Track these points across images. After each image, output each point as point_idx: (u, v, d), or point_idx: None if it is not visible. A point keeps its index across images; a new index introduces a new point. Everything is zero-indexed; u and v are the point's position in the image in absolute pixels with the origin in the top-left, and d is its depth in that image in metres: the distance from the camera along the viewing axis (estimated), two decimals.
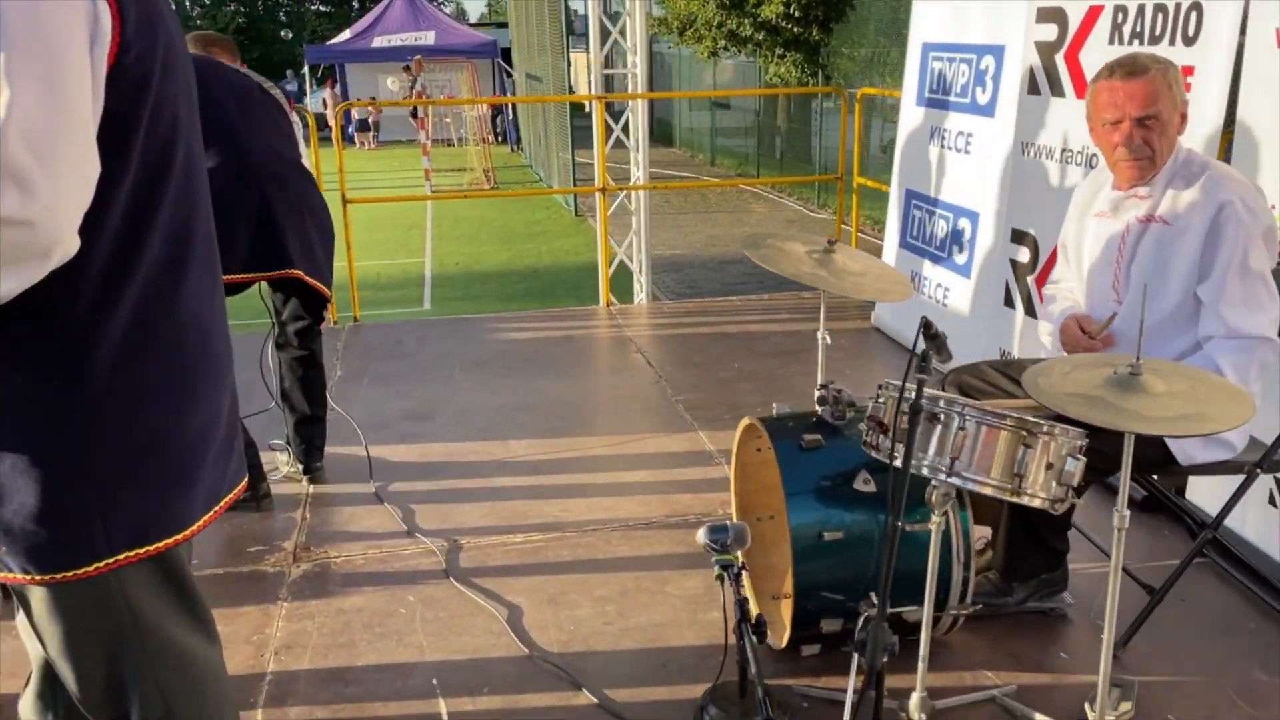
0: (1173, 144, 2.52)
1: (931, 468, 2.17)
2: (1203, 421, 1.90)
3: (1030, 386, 2.06)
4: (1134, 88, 2.46)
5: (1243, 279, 2.44)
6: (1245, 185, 2.49)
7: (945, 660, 2.67)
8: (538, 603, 2.94)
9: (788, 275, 2.75)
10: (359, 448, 4.03)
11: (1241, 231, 2.43)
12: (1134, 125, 2.48)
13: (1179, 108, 2.49)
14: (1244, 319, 2.45)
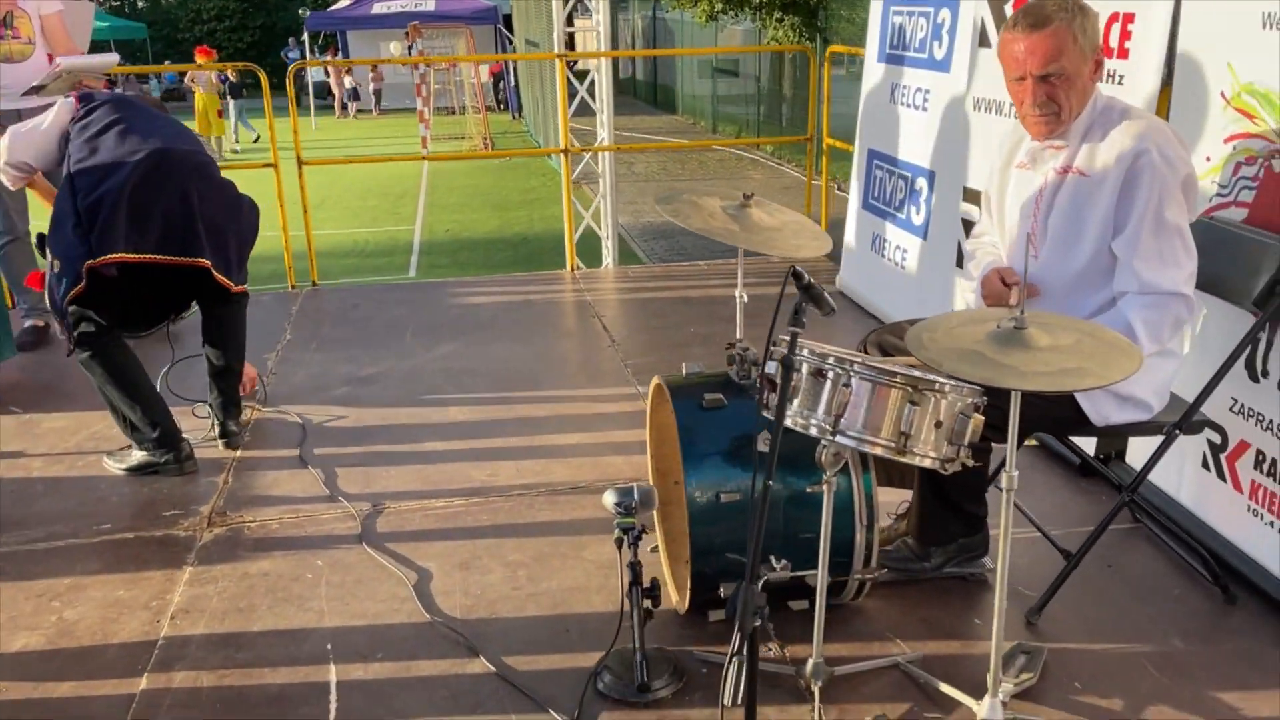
0: (1084, 95, 2.39)
1: (818, 426, 2.09)
2: (1082, 376, 1.81)
3: (912, 341, 1.97)
4: (1035, 41, 2.33)
5: (1157, 233, 2.33)
6: (1164, 133, 2.37)
7: (855, 627, 2.60)
8: (448, 568, 2.88)
9: (697, 230, 2.66)
10: (293, 411, 3.97)
11: (1157, 183, 2.31)
12: (1036, 82, 2.36)
13: (1091, 56, 2.36)
14: (1158, 274, 2.34)
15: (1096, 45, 2.37)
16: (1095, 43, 2.36)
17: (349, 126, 25.22)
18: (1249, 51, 2.66)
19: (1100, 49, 2.38)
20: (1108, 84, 3.19)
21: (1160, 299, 2.34)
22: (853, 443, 2.07)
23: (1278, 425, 2.61)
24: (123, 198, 3.21)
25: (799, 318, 1.96)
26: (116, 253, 3.21)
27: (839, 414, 2.07)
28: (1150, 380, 2.47)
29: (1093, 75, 2.38)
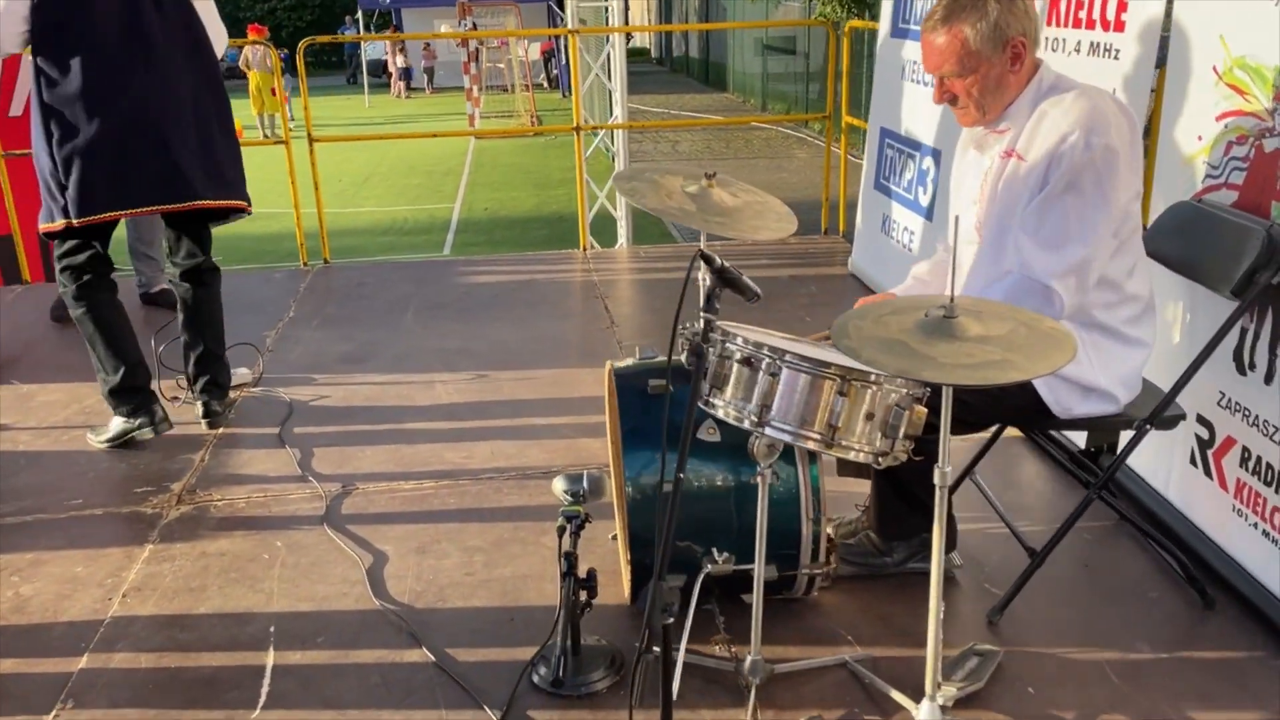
0: (1003, 88, 2.28)
1: (746, 417, 2.01)
2: (1005, 369, 1.70)
3: (838, 330, 1.87)
4: (929, 45, 2.28)
5: (1045, 213, 2.22)
6: (1100, 117, 2.20)
7: (808, 622, 2.52)
8: (405, 552, 2.85)
9: (651, 209, 2.57)
10: (282, 389, 3.97)
11: (1069, 169, 2.19)
12: (939, 80, 2.30)
13: (1002, 50, 2.24)
14: (1032, 256, 2.23)
15: (1006, 37, 2.23)
16: (1004, 35, 2.22)
17: (401, 105, 25.41)
18: (1241, 23, 2.50)
19: (1016, 37, 2.24)
20: (1103, 58, 3.04)
21: (1024, 284, 2.23)
22: (780, 435, 1.98)
23: (1263, 421, 2.47)
24: (98, 156, 3.18)
25: (712, 303, 1.88)
26: (98, 214, 3.23)
27: (766, 404, 1.98)
28: (1114, 371, 2.34)
29: (1010, 67, 2.26)
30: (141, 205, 3.28)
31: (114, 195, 3.23)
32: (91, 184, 3.19)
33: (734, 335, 2.05)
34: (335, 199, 14.40)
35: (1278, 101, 2.38)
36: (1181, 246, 2.56)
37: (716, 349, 2.08)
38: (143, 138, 3.23)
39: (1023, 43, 2.25)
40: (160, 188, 3.30)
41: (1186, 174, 2.73)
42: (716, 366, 2.05)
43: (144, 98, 3.22)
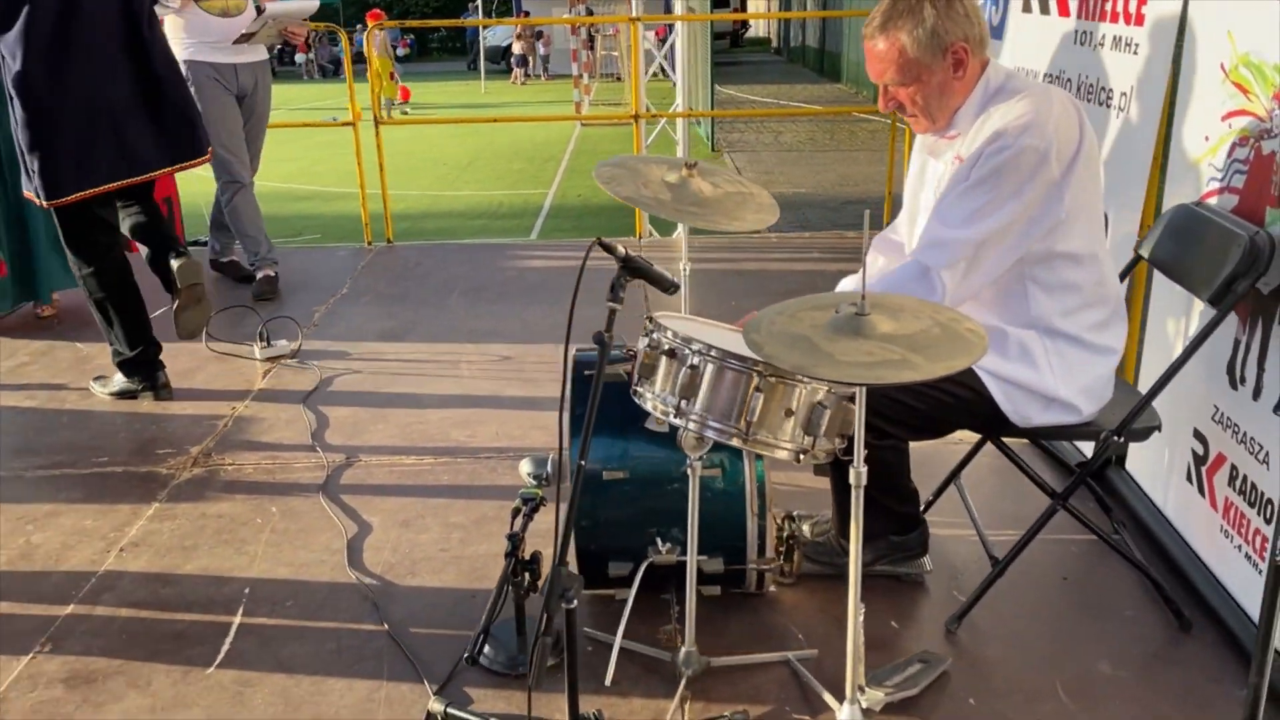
0: (948, 94, 2.21)
1: (667, 409, 2.01)
2: (900, 369, 1.66)
3: (751, 326, 1.85)
4: (870, 53, 2.22)
5: (954, 198, 2.18)
6: (1037, 116, 2.11)
7: (762, 617, 2.51)
8: (390, 524, 2.94)
9: (624, 199, 2.58)
10: (317, 362, 4.11)
11: (990, 162, 2.12)
12: (883, 88, 2.25)
13: (940, 59, 2.17)
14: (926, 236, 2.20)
15: (946, 44, 2.15)
16: (943, 41, 2.15)
17: (516, 91, 25.82)
18: (1248, 17, 2.37)
19: (956, 43, 2.16)
20: (1123, 53, 2.91)
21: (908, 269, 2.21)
22: (697, 428, 1.98)
23: (1250, 438, 2.34)
24: (58, 142, 3.40)
25: (617, 293, 1.89)
26: (67, 196, 3.45)
27: (687, 396, 1.98)
28: (1077, 381, 2.25)
29: (953, 74, 2.19)
30: (100, 184, 3.49)
31: (81, 176, 3.45)
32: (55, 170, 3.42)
33: (663, 326, 2.06)
34: (438, 182, 14.78)
35: (1276, 102, 2.25)
36: (1173, 251, 2.45)
37: (648, 340, 2.09)
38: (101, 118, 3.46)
39: (964, 48, 2.19)
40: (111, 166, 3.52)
41: (1195, 176, 2.60)
42: (645, 357, 2.06)
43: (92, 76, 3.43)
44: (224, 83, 4.80)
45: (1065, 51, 3.30)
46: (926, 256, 2.18)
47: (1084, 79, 3.15)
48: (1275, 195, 2.24)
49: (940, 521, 2.86)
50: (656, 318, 2.13)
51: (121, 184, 3.53)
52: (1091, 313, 2.24)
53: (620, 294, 1.91)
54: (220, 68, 4.76)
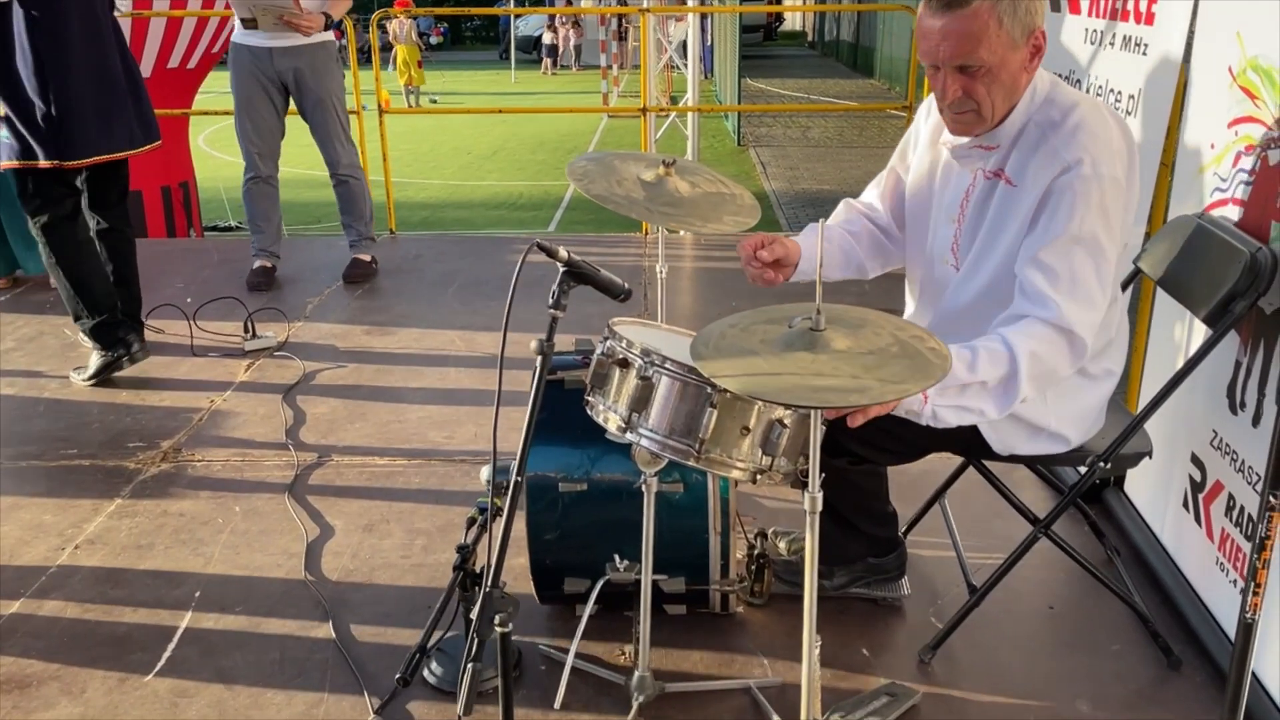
0: (1013, 90, 1.94)
1: (614, 420, 1.90)
2: (847, 394, 1.54)
3: (701, 338, 1.74)
4: (950, 25, 1.85)
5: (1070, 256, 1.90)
6: (1106, 143, 1.91)
7: (730, 640, 2.39)
8: (353, 528, 2.85)
9: (595, 197, 2.47)
10: (303, 356, 4.03)
11: (1082, 201, 1.88)
12: (951, 74, 1.90)
13: (1026, 41, 1.89)
14: (1068, 304, 1.90)
15: (1032, 27, 1.90)
16: (1030, 24, 1.90)
17: (545, 81, 25.74)
18: (1258, 18, 2.22)
19: (1038, 31, 1.92)
20: (1134, 53, 2.76)
21: (1060, 335, 1.90)
22: (649, 444, 1.86)
23: (1248, 467, 2.20)
24: (79, 104, 3.42)
25: (559, 300, 1.78)
26: (83, 158, 3.47)
27: (637, 409, 1.87)
28: (1069, 410, 2.10)
29: (1028, 64, 1.93)
30: (116, 150, 3.56)
31: (94, 141, 3.49)
32: (75, 130, 3.43)
33: (617, 334, 1.94)
34: (461, 171, 14.75)
35: None
36: (1171, 265, 2.30)
37: (602, 347, 1.97)
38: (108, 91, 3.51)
39: (1043, 35, 1.94)
40: (122, 135, 3.59)
41: (1199, 186, 2.45)
42: (598, 365, 1.95)
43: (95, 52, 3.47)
44: (259, 68, 4.67)
45: (1077, 51, 3.15)
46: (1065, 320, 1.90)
47: (1093, 80, 3.00)
48: None
49: (923, 541, 2.74)
50: (613, 324, 2.02)
51: (128, 154, 3.61)
52: (1096, 338, 2.06)
53: (562, 301, 1.80)
54: (256, 51, 4.65)
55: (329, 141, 4.83)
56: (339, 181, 4.96)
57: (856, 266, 2.36)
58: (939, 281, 2.19)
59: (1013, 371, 1.88)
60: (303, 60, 4.65)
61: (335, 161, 4.89)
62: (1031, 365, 1.88)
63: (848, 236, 2.33)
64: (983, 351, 1.87)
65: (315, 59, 4.67)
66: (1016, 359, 1.88)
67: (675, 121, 7.22)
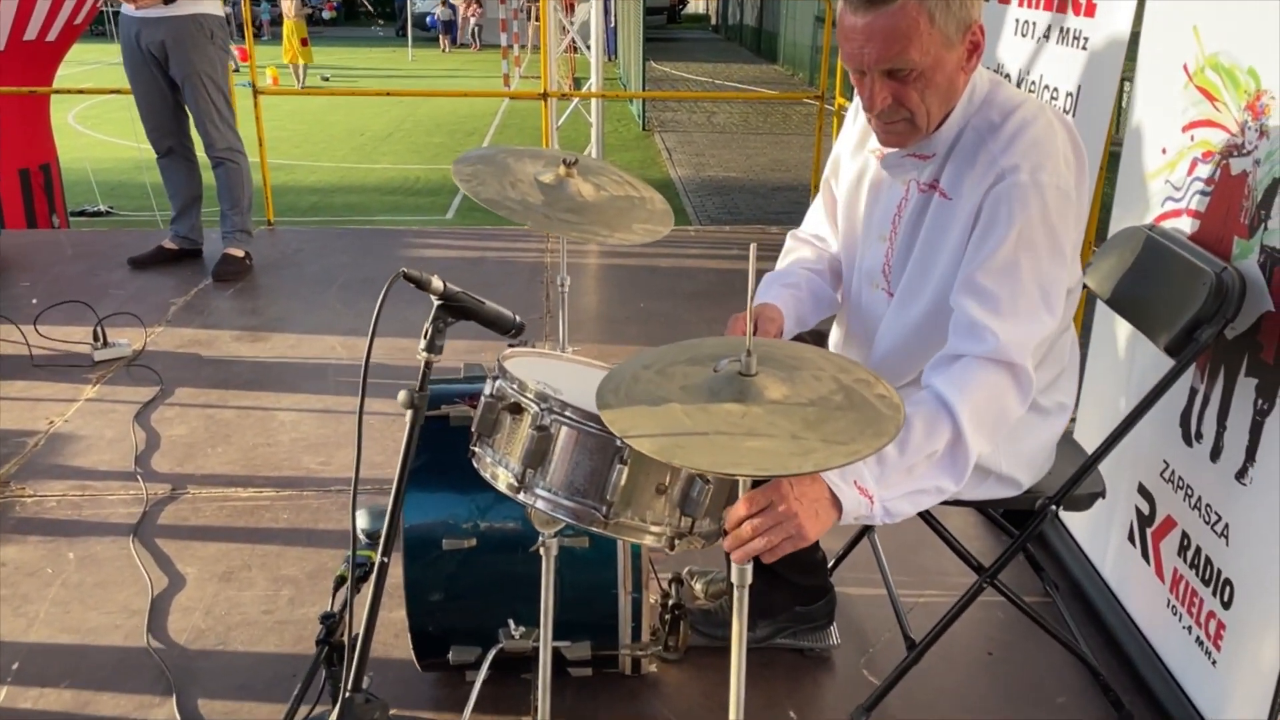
0: (950, 94, 1.68)
1: (506, 479, 1.59)
2: (783, 458, 1.26)
3: (609, 381, 1.44)
4: (875, 24, 1.57)
5: (1002, 277, 1.64)
6: (1046, 148, 1.65)
7: (641, 703, 2.12)
8: (208, 577, 2.48)
9: (485, 202, 2.15)
10: (161, 366, 3.61)
11: (1020, 214, 1.62)
12: (879, 80, 1.63)
13: (961, 40, 1.62)
14: (1005, 330, 1.62)
15: (968, 21, 1.63)
16: (966, 18, 1.62)
17: (443, 59, 25.06)
18: (1218, 11, 2.02)
19: (975, 25, 1.65)
20: (1071, 47, 2.55)
21: (1002, 371, 1.63)
22: (545, 506, 1.56)
23: (1205, 505, 2.01)
24: None
25: (433, 341, 1.47)
26: None
27: (532, 464, 1.57)
28: (1021, 451, 1.87)
29: (965, 64, 1.67)
30: None
31: None
32: None
33: (508, 373, 1.63)
34: (354, 154, 14.14)
35: (1250, 113, 1.90)
36: (1126, 284, 2.09)
37: (491, 387, 1.66)
38: None
39: (981, 30, 1.67)
40: None
41: (1147, 194, 2.25)
42: (485, 410, 1.64)
43: None
44: (130, 39, 4.36)
45: (1008, 43, 2.94)
46: (1005, 350, 1.62)
47: (1030, 77, 2.79)
48: (1245, 224, 1.90)
49: (850, 577, 2.51)
50: (504, 358, 1.71)
51: None
52: (1046, 370, 1.84)
53: (437, 342, 1.48)
54: (125, 22, 4.35)
55: (201, 120, 4.47)
56: (215, 163, 4.57)
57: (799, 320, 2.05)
58: (868, 308, 1.93)
59: (956, 434, 1.60)
60: (166, 33, 4.29)
61: (210, 143, 4.51)
62: (974, 420, 1.60)
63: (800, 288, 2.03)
64: (917, 421, 1.59)
65: (181, 32, 4.28)
66: (957, 419, 1.59)
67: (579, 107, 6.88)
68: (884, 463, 1.57)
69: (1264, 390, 1.84)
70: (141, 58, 4.36)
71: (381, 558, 1.46)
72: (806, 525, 1.49)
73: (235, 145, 4.55)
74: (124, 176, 10.86)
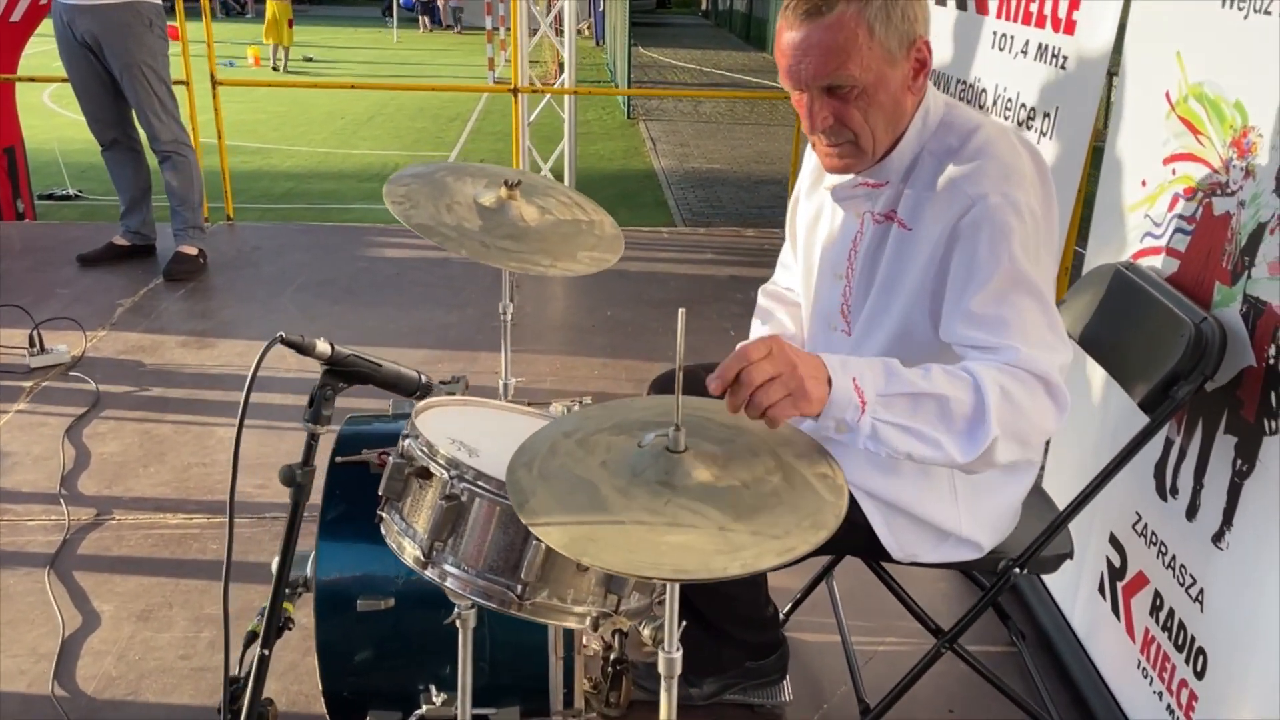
0: (895, 115, 1.55)
1: (412, 550, 1.45)
2: (709, 558, 1.13)
3: (524, 451, 1.30)
4: (811, 38, 1.46)
5: (1007, 300, 1.48)
6: (1013, 173, 1.51)
7: None
8: (125, 615, 2.34)
9: (417, 227, 2.00)
10: (99, 375, 3.45)
11: (1002, 235, 1.48)
12: (819, 98, 1.52)
13: (902, 56, 1.51)
14: (1038, 353, 1.45)
15: (912, 36, 1.51)
16: (910, 33, 1.51)
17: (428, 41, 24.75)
18: (1203, 38, 1.88)
19: (920, 41, 1.53)
20: (1050, 65, 2.41)
21: (1034, 378, 1.42)
22: (455, 584, 1.42)
23: (1180, 566, 1.88)
24: None
25: (318, 410, 1.33)
26: None
27: (440, 537, 1.43)
28: (984, 511, 1.73)
29: (911, 83, 1.55)
30: None
31: None
32: None
33: (418, 431, 1.49)
34: (333, 138, 13.89)
35: (1235, 149, 1.76)
36: (1100, 325, 1.96)
37: (399, 449, 1.52)
38: None
39: (927, 46, 1.56)
40: None
41: (1124, 228, 2.12)
42: (392, 472, 1.50)
43: None
44: (64, 27, 4.17)
45: (984, 57, 2.80)
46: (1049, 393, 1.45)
47: (1002, 92, 2.65)
48: (1228, 268, 1.77)
49: (808, 622, 2.38)
50: (420, 413, 1.57)
51: None
52: None
53: (324, 412, 1.34)
54: (58, 9, 4.17)
55: (143, 113, 4.29)
56: (161, 158, 4.39)
57: None
58: (829, 351, 1.79)
59: (979, 402, 1.37)
60: (100, 21, 4.11)
61: (154, 136, 4.33)
62: (1002, 401, 1.38)
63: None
64: (937, 369, 1.41)
65: (115, 21, 4.10)
66: (982, 387, 1.38)
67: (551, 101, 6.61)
68: (892, 375, 1.37)
69: (1243, 450, 1.71)
70: (77, 46, 4.17)
71: (262, 650, 1.32)
72: (809, 384, 1.30)
73: (181, 138, 4.37)
74: (94, 159, 10.52)
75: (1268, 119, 1.67)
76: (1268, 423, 1.66)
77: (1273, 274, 1.65)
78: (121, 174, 4.50)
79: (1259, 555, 1.66)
